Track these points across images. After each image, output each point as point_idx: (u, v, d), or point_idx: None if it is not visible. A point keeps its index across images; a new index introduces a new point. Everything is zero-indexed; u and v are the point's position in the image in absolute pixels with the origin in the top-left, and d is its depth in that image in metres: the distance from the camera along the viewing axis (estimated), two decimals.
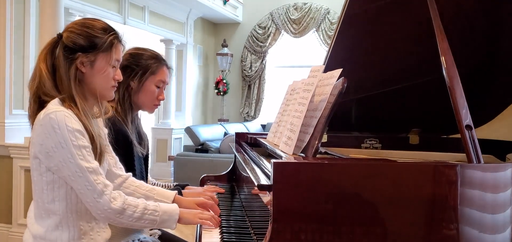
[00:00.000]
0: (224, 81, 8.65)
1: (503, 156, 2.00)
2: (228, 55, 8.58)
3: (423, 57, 2.05)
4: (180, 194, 1.94)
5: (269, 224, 1.26)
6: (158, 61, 2.06)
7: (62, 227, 1.53)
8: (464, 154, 1.41)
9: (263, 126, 8.25)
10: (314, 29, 8.41)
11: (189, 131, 6.54)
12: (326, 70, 1.66)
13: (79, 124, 1.49)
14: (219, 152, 6.15)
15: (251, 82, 8.91)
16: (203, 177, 2.59)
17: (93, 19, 1.64)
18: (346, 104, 1.93)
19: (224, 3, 8.14)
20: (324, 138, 2.22)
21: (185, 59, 7.99)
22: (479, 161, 1.39)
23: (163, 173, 7.27)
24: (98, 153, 1.54)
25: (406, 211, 1.27)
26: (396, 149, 2.28)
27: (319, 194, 1.26)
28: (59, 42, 1.55)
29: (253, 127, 7.98)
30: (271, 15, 8.67)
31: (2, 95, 3.89)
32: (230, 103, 9.01)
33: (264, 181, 1.41)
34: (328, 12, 8.30)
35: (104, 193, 1.48)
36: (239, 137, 2.69)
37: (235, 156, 2.53)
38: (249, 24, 8.87)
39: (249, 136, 2.65)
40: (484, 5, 2.04)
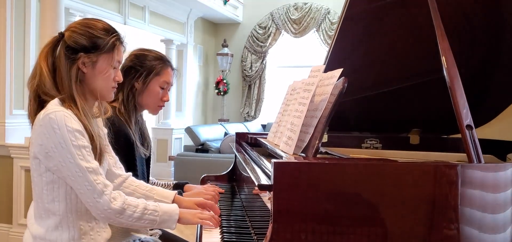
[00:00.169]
0: (225, 81, 8.65)
1: (504, 155, 2.00)
2: (228, 55, 8.57)
3: (424, 57, 2.05)
4: (181, 194, 1.94)
5: (269, 224, 1.26)
6: (163, 62, 2.06)
7: (62, 227, 1.52)
8: (465, 154, 1.41)
9: (264, 126, 8.25)
10: (315, 29, 8.41)
11: (189, 131, 6.54)
12: (326, 70, 1.66)
13: (79, 124, 1.49)
14: (220, 152, 6.15)
15: (252, 82, 8.91)
16: (203, 177, 2.59)
17: (95, 19, 1.63)
18: (346, 104, 1.93)
19: (225, 3, 8.13)
20: (325, 138, 2.22)
21: (185, 59, 7.99)
22: (479, 161, 1.39)
23: (164, 173, 7.27)
24: (98, 153, 1.54)
25: (407, 211, 1.27)
26: (397, 149, 2.28)
27: (320, 194, 1.26)
28: (60, 41, 1.55)
29: (253, 127, 7.98)
30: (272, 15, 8.67)
31: (3, 95, 3.89)
32: (230, 103, 9.00)
33: (264, 181, 1.41)
34: (328, 12, 8.30)
35: (104, 193, 1.48)
36: (240, 136, 2.69)
37: (236, 155, 2.53)
38: (249, 24, 8.87)
39: (249, 135, 2.65)
40: (484, 5, 2.04)
